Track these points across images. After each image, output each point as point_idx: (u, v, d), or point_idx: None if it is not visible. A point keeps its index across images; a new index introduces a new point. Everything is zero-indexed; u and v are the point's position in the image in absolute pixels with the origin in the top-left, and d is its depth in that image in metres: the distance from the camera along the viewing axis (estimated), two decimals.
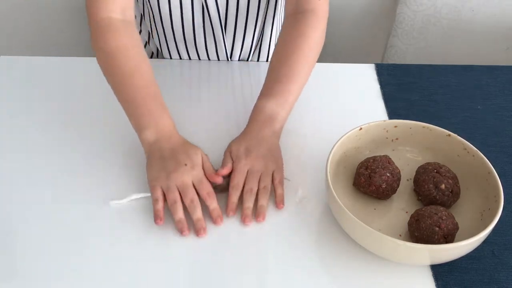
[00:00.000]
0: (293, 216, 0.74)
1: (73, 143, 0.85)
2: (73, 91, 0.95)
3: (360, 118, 0.81)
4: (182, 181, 0.73)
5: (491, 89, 0.99)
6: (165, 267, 0.68)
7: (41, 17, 1.54)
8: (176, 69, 1.03)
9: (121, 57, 0.79)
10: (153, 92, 0.80)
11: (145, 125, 0.77)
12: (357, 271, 0.68)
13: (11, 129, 0.87)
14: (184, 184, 0.73)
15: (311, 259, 0.69)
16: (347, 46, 1.58)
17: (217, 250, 0.70)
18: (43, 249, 0.70)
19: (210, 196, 0.74)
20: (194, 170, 0.74)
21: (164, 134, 0.77)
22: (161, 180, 0.74)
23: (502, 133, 0.89)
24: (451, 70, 1.03)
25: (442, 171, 0.73)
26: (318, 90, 0.95)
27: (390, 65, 1.05)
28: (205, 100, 0.95)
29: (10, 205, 0.75)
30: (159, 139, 0.77)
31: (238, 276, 0.67)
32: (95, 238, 0.71)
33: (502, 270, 0.68)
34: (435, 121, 0.79)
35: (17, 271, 0.67)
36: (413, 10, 1.35)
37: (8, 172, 0.80)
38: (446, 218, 0.66)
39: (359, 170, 0.74)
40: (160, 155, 0.75)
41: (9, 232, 0.72)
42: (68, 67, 1.02)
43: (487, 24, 1.36)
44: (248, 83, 1.00)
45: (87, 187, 0.78)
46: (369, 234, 0.64)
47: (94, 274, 0.67)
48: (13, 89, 0.96)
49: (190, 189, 0.73)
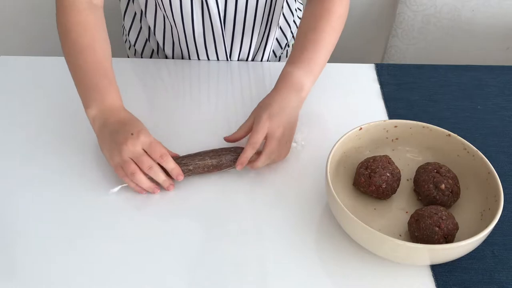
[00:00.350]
0: (293, 216, 0.74)
1: (73, 143, 0.85)
2: (73, 91, 0.95)
3: (360, 118, 0.81)
4: (134, 151, 0.74)
5: (491, 89, 0.99)
6: (164, 266, 0.68)
7: (41, 17, 1.54)
8: (175, 69, 1.03)
9: (78, 32, 0.80)
10: (103, 68, 0.80)
11: (90, 100, 0.78)
12: (357, 271, 0.68)
13: (11, 129, 0.87)
14: (136, 154, 0.74)
15: (311, 259, 0.69)
16: (347, 46, 1.58)
17: (217, 249, 0.70)
18: (43, 249, 0.70)
19: (164, 158, 0.75)
20: (140, 136, 0.74)
21: (109, 109, 0.77)
22: (115, 155, 0.75)
23: (502, 133, 0.89)
24: (451, 70, 1.03)
25: (442, 171, 0.73)
26: (318, 90, 0.95)
27: (390, 65, 1.05)
28: (204, 100, 0.95)
29: (10, 204, 0.75)
30: (103, 114, 0.77)
31: (238, 276, 0.67)
32: (94, 236, 0.71)
33: (502, 270, 0.68)
34: (435, 121, 0.79)
35: (17, 271, 0.67)
36: (413, 10, 1.35)
37: (8, 172, 0.80)
38: (446, 218, 0.66)
39: (359, 170, 0.74)
40: (107, 130, 0.76)
41: (9, 232, 0.72)
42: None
43: (487, 24, 1.36)
44: (248, 83, 1.00)
45: (86, 186, 0.78)
46: (369, 234, 0.64)
47: (94, 272, 0.67)
48: (13, 89, 0.96)
49: (143, 156, 0.74)
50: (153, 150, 0.75)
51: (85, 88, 0.79)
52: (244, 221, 0.74)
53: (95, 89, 0.78)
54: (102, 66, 0.80)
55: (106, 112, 0.77)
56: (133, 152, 0.74)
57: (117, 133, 0.75)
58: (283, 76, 0.83)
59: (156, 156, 0.74)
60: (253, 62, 1.05)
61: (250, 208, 0.76)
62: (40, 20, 1.55)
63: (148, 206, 0.76)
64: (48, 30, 1.57)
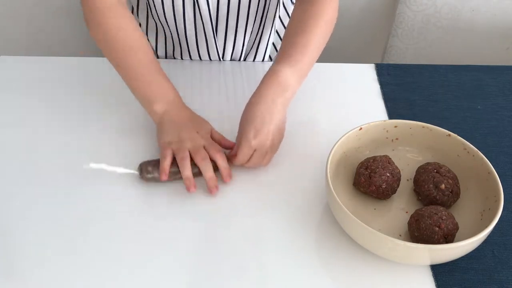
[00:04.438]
0: (293, 216, 0.74)
1: (73, 143, 0.85)
2: (73, 91, 0.95)
3: (360, 118, 0.81)
4: (194, 144, 0.76)
5: (491, 89, 0.99)
6: (164, 266, 0.68)
7: (41, 17, 1.54)
8: (167, 69, 1.02)
9: (122, 34, 0.81)
10: (156, 67, 0.82)
11: (154, 98, 0.80)
12: (357, 271, 0.68)
13: (11, 129, 0.87)
14: (196, 146, 0.76)
15: (311, 259, 0.69)
16: (347, 46, 1.58)
17: (217, 250, 0.70)
18: (43, 249, 0.70)
19: (222, 156, 0.77)
20: (205, 137, 0.78)
21: (174, 106, 0.80)
22: (173, 141, 0.77)
23: (502, 133, 0.89)
24: (451, 70, 1.03)
25: (442, 171, 0.73)
26: (318, 90, 0.95)
27: (390, 65, 1.05)
28: (197, 100, 0.94)
29: (9, 204, 0.75)
30: (169, 110, 0.80)
31: (238, 276, 0.67)
32: (94, 236, 0.71)
33: (502, 270, 0.68)
34: (435, 121, 0.79)
35: (17, 271, 0.67)
36: (413, 10, 1.35)
37: (8, 172, 0.80)
38: (446, 218, 0.66)
39: (359, 170, 0.74)
40: (172, 121, 0.79)
41: (9, 232, 0.72)
42: (68, 67, 1.02)
43: (487, 24, 1.36)
44: (241, 84, 1.00)
45: (87, 186, 0.78)
46: (369, 234, 0.64)
47: (93, 272, 0.67)
48: (13, 89, 0.96)
49: (201, 149, 0.76)
50: (214, 148, 0.77)
51: (145, 88, 0.81)
52: (244, 221, 0.74)
53: (155, 88, 0.81)
54: (155, 65, 0.82)
55: (173, 107, 0.80)
56: (194, 145, 0.76)
57: (184, 125, 0.78)
58: (270, 74, 0.80)
59: (213, 151, 0.76)
60: (245, 62, 1.05)
61: (250, 208, 0.76)
62: (40, 20, 1.55)
63: (148, 207, 0.76)
64: (48, 30, 1.57)
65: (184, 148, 0.76)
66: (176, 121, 0.79)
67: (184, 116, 0.80)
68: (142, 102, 0.82)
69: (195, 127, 0.79)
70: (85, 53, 1.55)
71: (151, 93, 0.81)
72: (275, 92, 0.78)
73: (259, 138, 0.76)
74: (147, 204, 0.76)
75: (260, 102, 0.78)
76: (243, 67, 1.03)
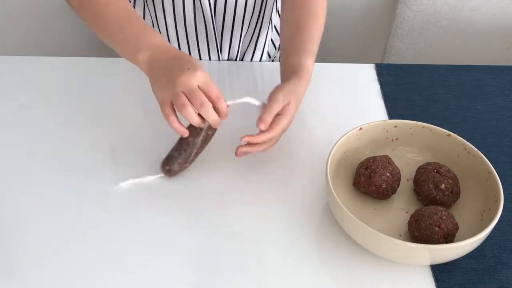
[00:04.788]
0: (293, 216, 0.74)
1: (73, 142, 0.85)
2: (73, 91, 0.95)
3: (360, 118, 0.81)
4: (188, 86, 0.70)
5: (491, 89, 0.99)
6: (164, 266, 0.68)
7: (41, 17, 1.54)
8: None
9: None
10: (135, 16, 0.79)
11: (136, 48, 0.76)
12: (357, 271, 0.68)
13: (11, 129, 0.87)
14: (190, 89, 0.70)
15: (311, 259, 0.69)
16: (347, 46, 1.58)
17: (217, 249, 0.70)
18: (42, 249, 0.70)
19: (220, 98, 0.72)
20: (197, 72, 0.71)
21: (158, 49, 0.75)
22: (166, 90, 0.71)
23: (502, 133, 0.89)
24: (451, 70, 1.03)
25: (442, 171, 0.73)
26: (318, 90, 0.95)
27: (390, 65, 1.05)
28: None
29: (9, 204, 0.75)
30: (154, 54, 0.75)
31: (238, 276, 0.67)
32: (94, 236, 0.71)
33: (502, 270, 0.68)
34: (435, 121, 0.79)
35: (17, 271, 0.67)
36: (413, 10, 1.35)
37: (8, 171, 0.80)
38: (446, 218, 0.66)
39: (359, 170, 0.74)
40: (161, 67, 0.74)
41: (9, 232, 0.72)
42: (68, 67, 1.02)
43: (487, 24, 1.36)
44: (237, 83, 1.00)
45: (87, 186, 0.78)
46: (369, 234, 0.64)
47: (93, 272, 0.67)
48: (13, 89, 0.96)
49: (197, 92, 0.70)
50: (210, 89, 0.71)
51: (128, 37, 0.77)
52: (244, 221, 0.74)
53: (139, 34, 0.76)
54: (134, 15, 0.79)
55: (158, 52, 0.75)
56: (186, 87, 0.70)
57: (172, 68, 0.72)
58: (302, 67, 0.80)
59: (212, 95, 0.71)
60: (243, 62, 1.05)
61: (249, 208, 0.76)
62: (40, 20, 1.55)
63: (147, 205, 0.76)
64: (48, 30, 1.57)
65: (179, 95, 0.70)
66: (164, 64, 0.73)
67: (171, 56, 0.74)
68: (128, 57, 0.77)
69: (185, 63, 0.72)
70: (85, 53, 1.56)
71: (134, 44, 0.76)
72: (306, 84, 0.80)
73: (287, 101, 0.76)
74: (147, 204, 0.76)
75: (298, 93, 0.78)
76: (241, 66, 1.03)
